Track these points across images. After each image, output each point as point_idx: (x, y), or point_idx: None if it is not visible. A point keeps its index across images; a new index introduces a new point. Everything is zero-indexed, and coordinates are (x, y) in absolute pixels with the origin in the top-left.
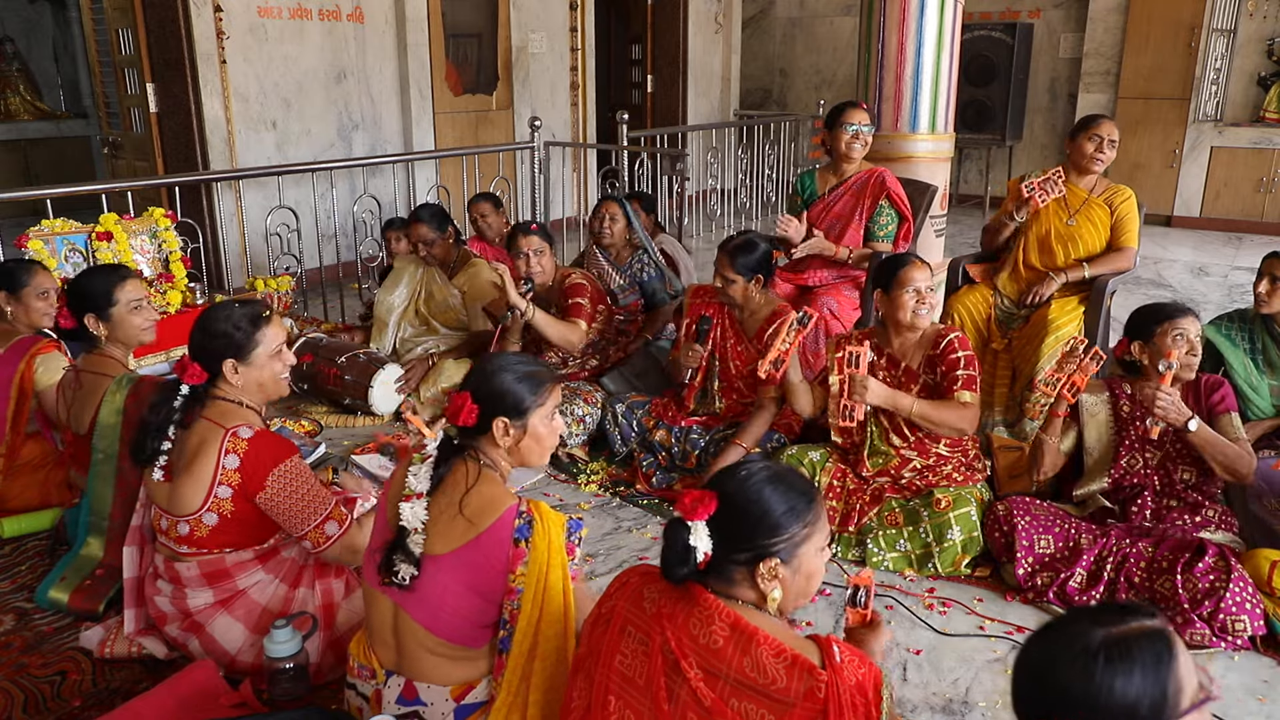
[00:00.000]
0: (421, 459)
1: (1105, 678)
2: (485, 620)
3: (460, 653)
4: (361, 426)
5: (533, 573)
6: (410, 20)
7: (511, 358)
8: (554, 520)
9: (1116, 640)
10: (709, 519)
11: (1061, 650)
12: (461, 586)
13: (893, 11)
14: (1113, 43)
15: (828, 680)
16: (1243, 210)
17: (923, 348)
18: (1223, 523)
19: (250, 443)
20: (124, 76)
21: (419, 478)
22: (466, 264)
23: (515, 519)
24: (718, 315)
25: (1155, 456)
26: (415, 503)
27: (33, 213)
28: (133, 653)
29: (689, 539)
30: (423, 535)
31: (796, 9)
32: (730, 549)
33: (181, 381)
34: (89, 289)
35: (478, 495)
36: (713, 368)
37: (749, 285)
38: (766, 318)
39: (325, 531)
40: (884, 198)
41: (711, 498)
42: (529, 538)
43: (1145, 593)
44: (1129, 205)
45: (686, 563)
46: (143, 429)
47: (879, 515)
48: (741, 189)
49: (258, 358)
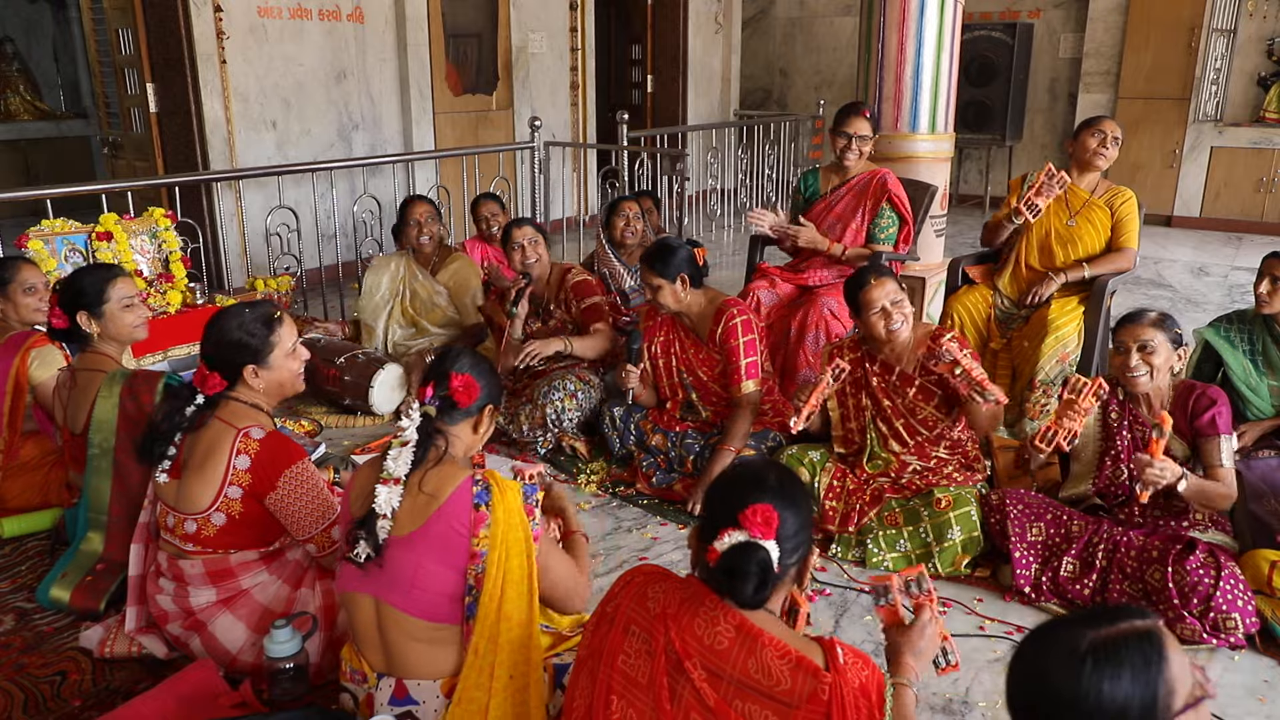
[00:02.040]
0: (400, 443)
1: (1093, 681)
2: (457, 592)
3: (441, 633)
4: (362, 427)
5: (495, 534)
6: (410, 20)
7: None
8: (510, 486)
9: (1104, 643)
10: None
11: (1051, 654)
12: (430, 560)
13: (893, 11)
14: (1113, 43)
15: (831, 682)
16: (1243, 210)
17: (917, 350)
18: (1213, 523)
19: (262, 444)
20: (124, 76)
21: (399, 462)
22: (448, 259)
23: (473, 486)
24: (666, 329)
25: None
26: (392, 488)
27: (33, 213)
28: (133, 652)
29: (769, 559)
30: (390, 521)
31: (796, 9)
32: (788, 556)
33: (200, 392)
34: (81, 287)
35: (435, 473)
36: (684, 381)
37: (676, 288)
38: (713, 316)
39: (331, 536)
40: (885, 200)
41: (774, 511)
42: (488, 501)
43: (1137, 582)
44: (1129, 206)
45: (769, 583)
46: (151, 433)
47: (879, 515)
48: (741, 189)
49: (275, 360)
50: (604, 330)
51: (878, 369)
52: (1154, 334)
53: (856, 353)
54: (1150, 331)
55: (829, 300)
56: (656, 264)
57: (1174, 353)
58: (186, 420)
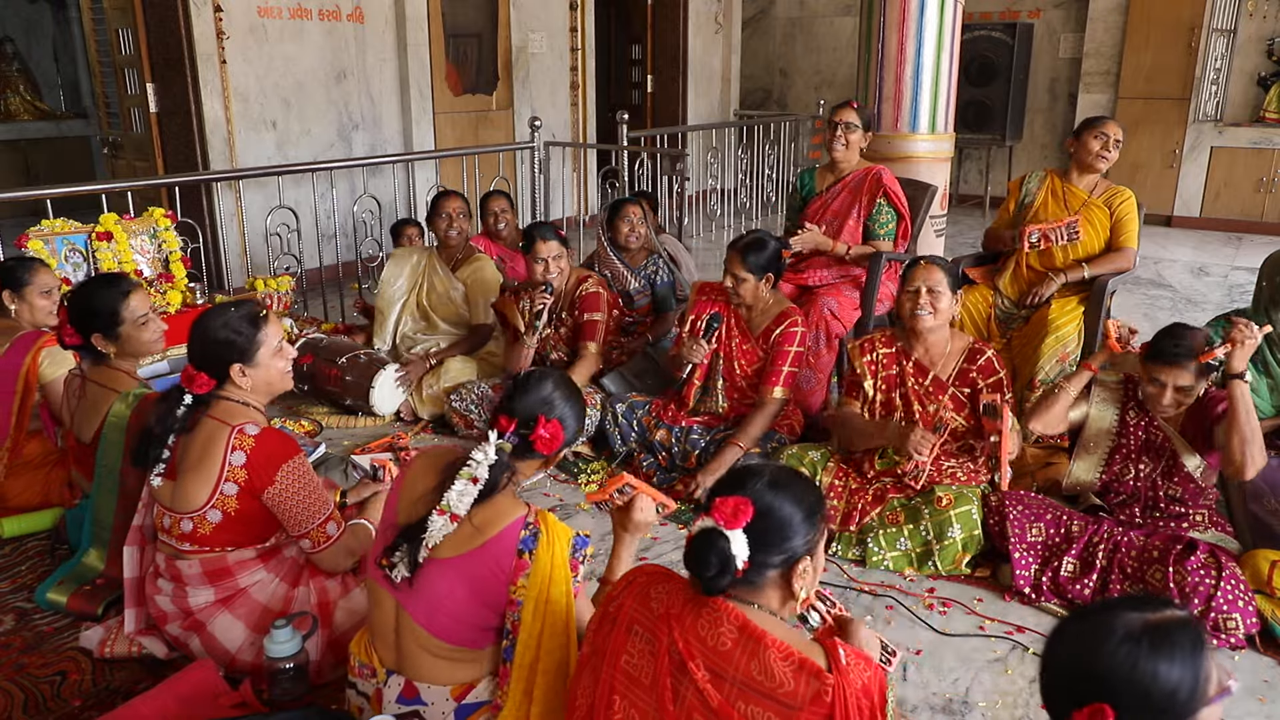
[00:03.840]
0: (469, 477)
1: (1149, 663)
2: (485, 624)
3: (459, 654)
4: (363, 427)
5: (534, 585)
6: (410, 20)
7: (558, 377)
8: (560, 534)
9: (1158, 626)
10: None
11: (1102, 636)
12: (463, 592)
13: (893, 11)
14: (1113, 43)
15: (834, 684)
16: (1243, 210)
17: (954, 359)
18: (1213, 523)
19: (257, 439)
20: (124, 76)
21: (464, 498)
22: (470, 258)
23: (521, 530)
24: (725, 314)
25: (1147, 469)
26: (447, 521)
27: (33, 213)
28: (133, 652)
29: (729, 549)
30: (429, 552)
31: (796, 9)
32: (765, 554)
33: (187, 391)
34: (94, 309)
35: (488, 504)
36: (716, 366)
37: (760, 284)
38: (775, 317)
39: (326, 531)
40: (881, 195)
41: (748, 505)
42: (533, 549)
43: (1137, 582)
44: (1128, 206)
45: (727, 573)
46: (145, 437)
47: (880, 514)
48: (741, 189)
49: (262, 358)
50: (591, 354)
51: (912, 369)
52: (1186, 373)
53: (892, 348)
54: (1186, 376)
55: (829, 300)
56: (750, 257)
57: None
58: (179, 422)
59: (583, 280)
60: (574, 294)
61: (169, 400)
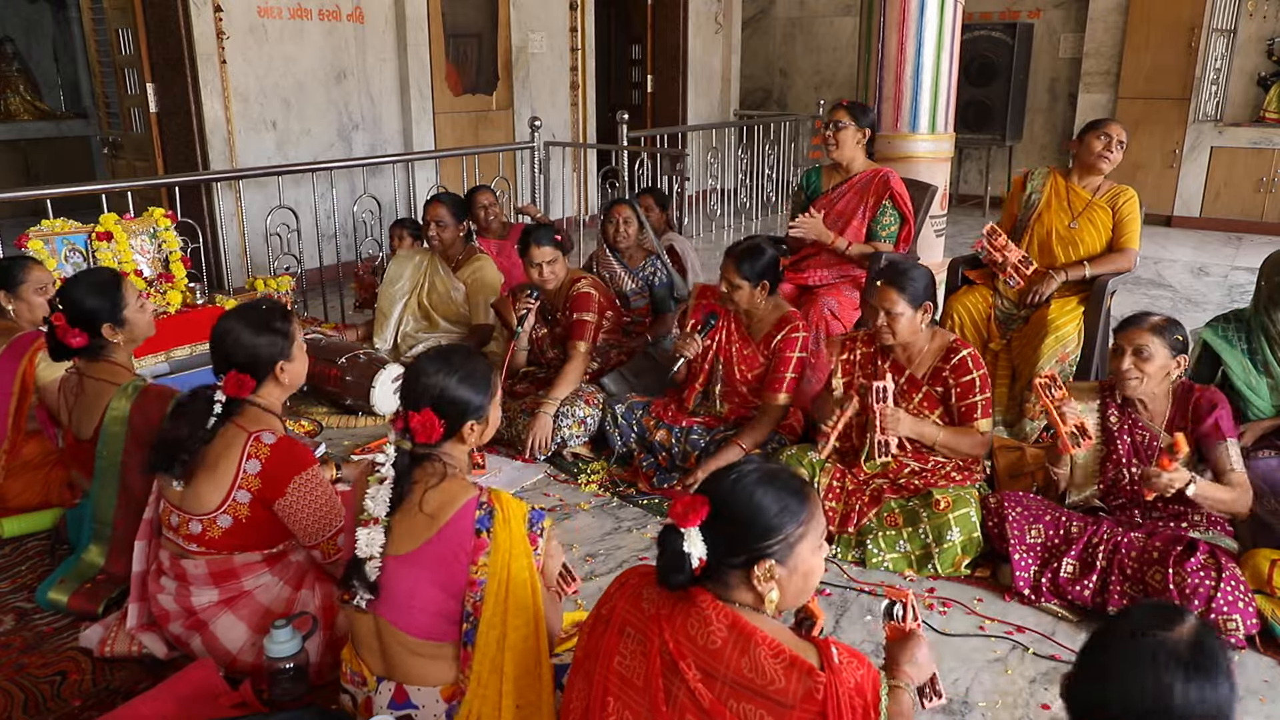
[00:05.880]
0: (378, 480)
1: (1196, 687)
2: (452, 615)
3: (441, 650)
4: (363, 427)
5: (495, 562)
6: (410, 20)
7: (438, 358)
8: (515, 511)
9: (1199, 648)
10: (702, 524)
11: (1143, 659)
12: (427, 582)
13: (893, 11)
14: (1113, 43)
15: (826, 682)
16: (1243, 210)
17: (931, 358)
18: (1213, 523)
19: (273, 449)
20: (124, 76)
21: (377, 500)
22: (472, 258)
23: (476, 510)
24: (724, 316)
25: (1140, 472)
26: (372, 529)
27: (33, 213)
28: (133, 651)
29: (682, 546)
30: (379, 561)
31: (796, 9)
32: (724, 553)
33: (229, 396)
34: (97, 301)
35: (437, 492)
36: (716, 370)
37: (755, 291)
38: (774, 323)
39: (337, 543)
40: (887, 198)
41: (703, 503)
42: (490, 528)
43: (1137, 583)
44: (1131, 206)
45: (682, 570)
46: (172, 443)
47: (878, 516)
48: (741, 189)
49: (296, 353)
50: (581, 354)
51: (888, 368)
52: (1150, 339)
53: (870, 347)
54: (1146, 336)
55: (829, 300)
56: (743, 264)
57: (1173, 359)
58: (209, 433)
59: (576, 280)
60: (566, 294)
61: (197, 407)
